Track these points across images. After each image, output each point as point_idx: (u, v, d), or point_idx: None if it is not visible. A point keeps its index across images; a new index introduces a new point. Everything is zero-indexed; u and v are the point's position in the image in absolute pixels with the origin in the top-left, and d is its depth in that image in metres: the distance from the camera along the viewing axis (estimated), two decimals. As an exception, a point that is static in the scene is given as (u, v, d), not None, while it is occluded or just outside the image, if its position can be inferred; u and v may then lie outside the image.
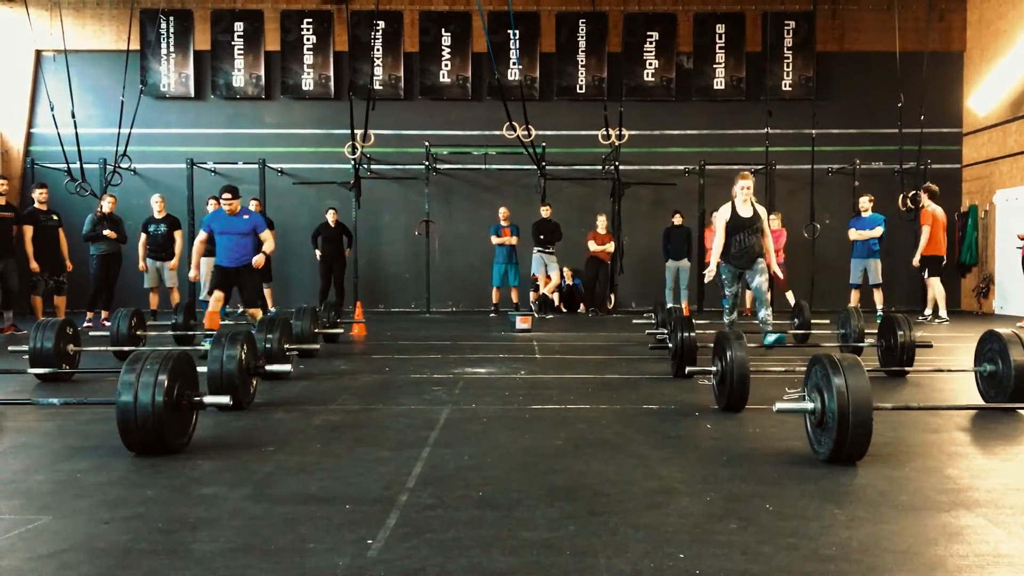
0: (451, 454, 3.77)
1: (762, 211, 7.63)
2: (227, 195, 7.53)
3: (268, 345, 6.04)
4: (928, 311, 11.35)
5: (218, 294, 7.47)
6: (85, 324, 10.35)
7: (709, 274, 7.66)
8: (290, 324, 6.95)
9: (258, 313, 7.66)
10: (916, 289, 13.57)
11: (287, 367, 5.44)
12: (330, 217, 12.63)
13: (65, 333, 6.06)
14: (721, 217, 7.59)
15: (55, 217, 10.38)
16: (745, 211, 7.53)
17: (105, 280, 10.70)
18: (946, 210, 13.86)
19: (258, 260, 7.45)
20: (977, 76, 13.83)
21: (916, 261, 11.32)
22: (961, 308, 14.16)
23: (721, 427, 4.43)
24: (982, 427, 4.54)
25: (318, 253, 12.71)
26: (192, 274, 8.00)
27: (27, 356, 5.95)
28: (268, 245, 7.62)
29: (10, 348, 6.54)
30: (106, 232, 10.61)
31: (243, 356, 4.84)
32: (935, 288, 11.25)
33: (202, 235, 7.79)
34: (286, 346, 6.38)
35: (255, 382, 5.13)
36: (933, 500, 3.07)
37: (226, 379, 4.71)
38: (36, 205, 10.24)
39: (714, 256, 7.60)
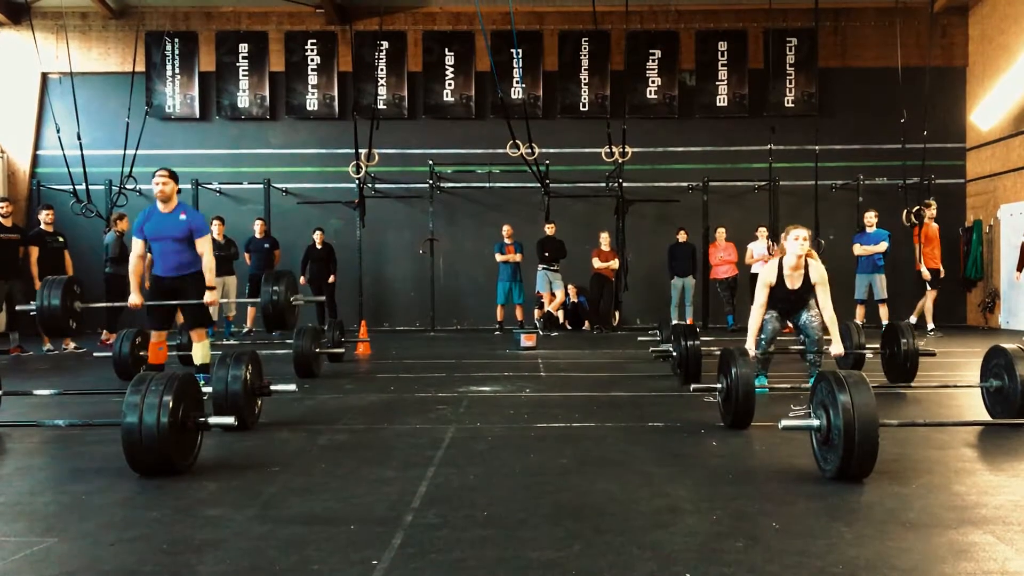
0: (456, 474, 3.76)
1: (818, 276, 5.78)
2: (162, 172, 5.94)
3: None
4: (931, 325, 11.40)
5: (160, 335, 6.18)
6: (103, 340, 10.40)
7: (750, 352, 5.74)
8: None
9: (202, 335, 6.24)
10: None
11: (292, 387, 5.44)
12: (317, 237, 12.62)
13: (71, 291, 6.23)
14: (764, 278, 5.91)
15: (61, 238, 10.43)
16: (794, 280, 5.84)
17: (120, 300, 10.74)
18: (951, 225, 13.97)
19: (211, 298, 5.99)
20: (980, 91, 13.85)
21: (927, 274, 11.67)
22: (967, 323, 14.12)
23: (727, 444, 4.42)
24: (989, 443, 4.52)
25: (303, 279, 12.34)
26: (133, 300, 6.03)
27: (34, 312, 6.17)
28: (207, 259, 6.01)
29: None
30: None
31: (248, 376, 4.85)
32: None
33: (137, 246, 6.04)
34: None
35: (260, 402, 5.13)
36: (940, 517, 3.06)
37: (231, 399, 4.71)
38: (42, 226, 10.30)
39: (751, 336, 5.85)
